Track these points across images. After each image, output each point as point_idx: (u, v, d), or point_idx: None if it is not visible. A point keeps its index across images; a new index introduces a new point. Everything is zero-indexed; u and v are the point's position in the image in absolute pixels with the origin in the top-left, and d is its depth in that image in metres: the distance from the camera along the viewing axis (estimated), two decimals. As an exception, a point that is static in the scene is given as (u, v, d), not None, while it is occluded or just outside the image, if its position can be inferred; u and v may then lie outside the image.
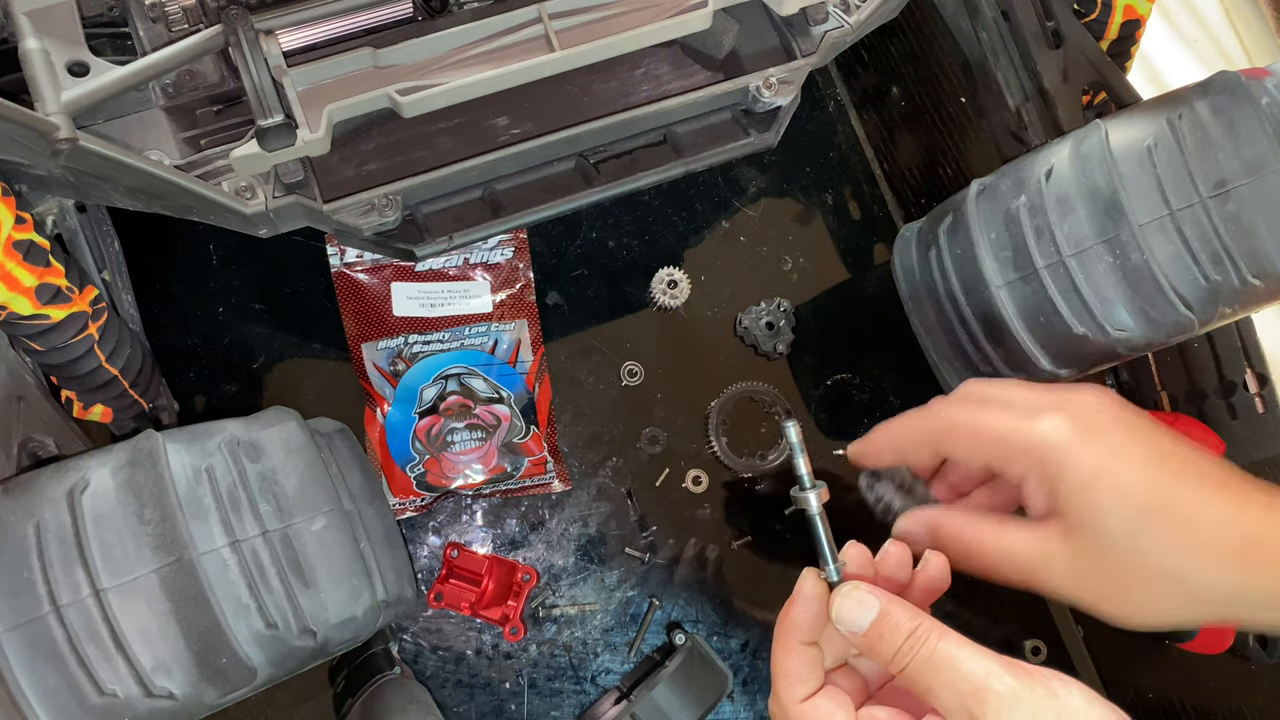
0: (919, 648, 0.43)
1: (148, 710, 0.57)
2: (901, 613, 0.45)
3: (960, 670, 0.42)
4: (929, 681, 0.43)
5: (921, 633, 0.44)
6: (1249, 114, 0.65)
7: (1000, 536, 0.52)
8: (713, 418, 0.89)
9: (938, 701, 0.43)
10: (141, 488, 0.58)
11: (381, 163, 0.65)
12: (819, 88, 1.03)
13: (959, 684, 0.42)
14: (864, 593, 0.46)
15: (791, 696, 0.46)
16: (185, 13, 0.61)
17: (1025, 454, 0.50)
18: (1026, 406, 0.52)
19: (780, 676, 0.47)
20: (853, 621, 0.45)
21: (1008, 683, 0.41)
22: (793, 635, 0.47)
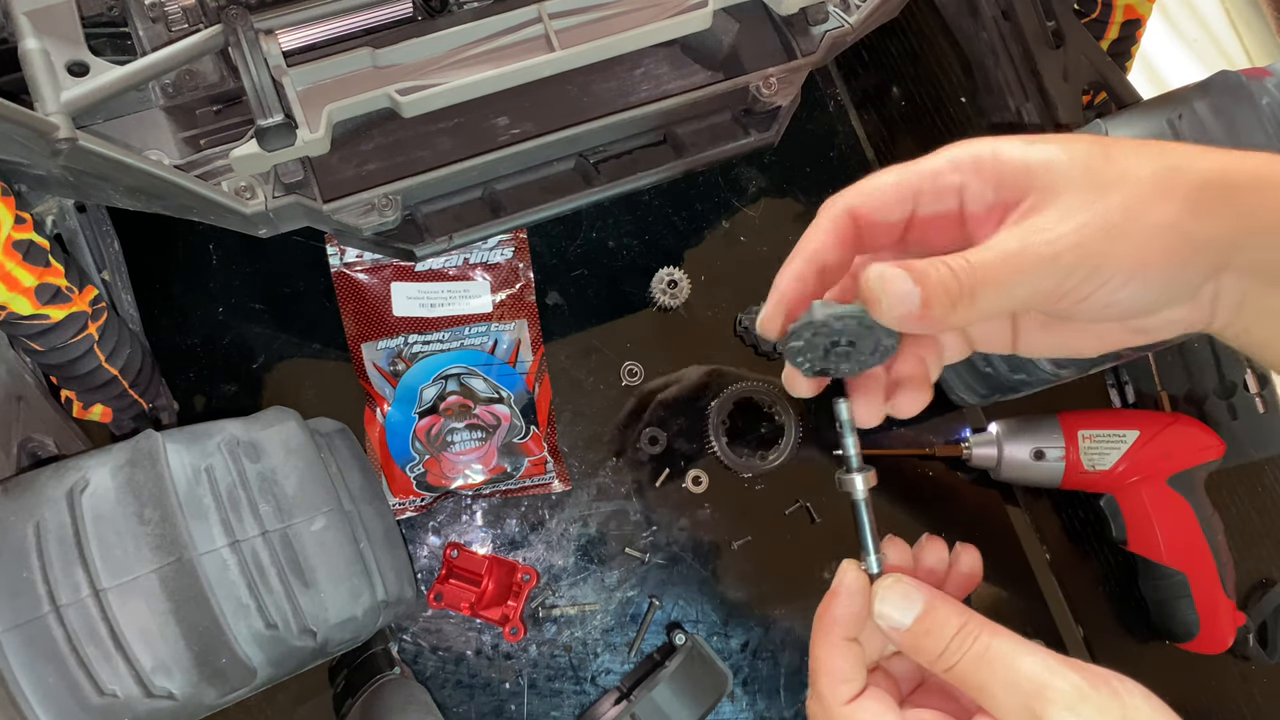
0: (970, 644, 0.41)
1: (147, 710, 0.57)
2: (948, 608, 0.42)
3: (1020, 667, 0.40)
4: (984, 680, 0.40)
5: (971, 629, 0.41)
6: (1249, 114, 0.65)
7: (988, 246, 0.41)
8: (712, 418, 0.89)
9: (994, 700, 0.40)
10: (141, 488, 0.58)
11: (381, 163, 0.65)
12: (819, 87, 1.03)
13: (1020, 682, 0.39)
14: (908, 586, 0.43)
15: (837, 697, 0.43)
16: (185, 12, 0.61)
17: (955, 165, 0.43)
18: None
19: (823, 675, 0.44)
20: (896, 617, 0.43)
21: (1072, 679, 0.39)
22: (835, 631, 0.44)
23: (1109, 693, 0.39)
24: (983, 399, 0.86)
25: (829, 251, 0.46)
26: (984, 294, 0.40)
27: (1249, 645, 0.90)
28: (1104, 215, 0.40)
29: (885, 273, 0.40)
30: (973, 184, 0.43)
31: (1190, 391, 0.89)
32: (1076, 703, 0.38)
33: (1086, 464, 0.85)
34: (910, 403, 0.47)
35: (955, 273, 0.40)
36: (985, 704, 0.41)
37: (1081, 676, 0.39)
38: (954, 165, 0.43)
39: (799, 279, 0.46)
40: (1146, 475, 0.85)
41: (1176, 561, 0.85)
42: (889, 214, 0.45)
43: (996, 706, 0.40)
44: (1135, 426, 0.85)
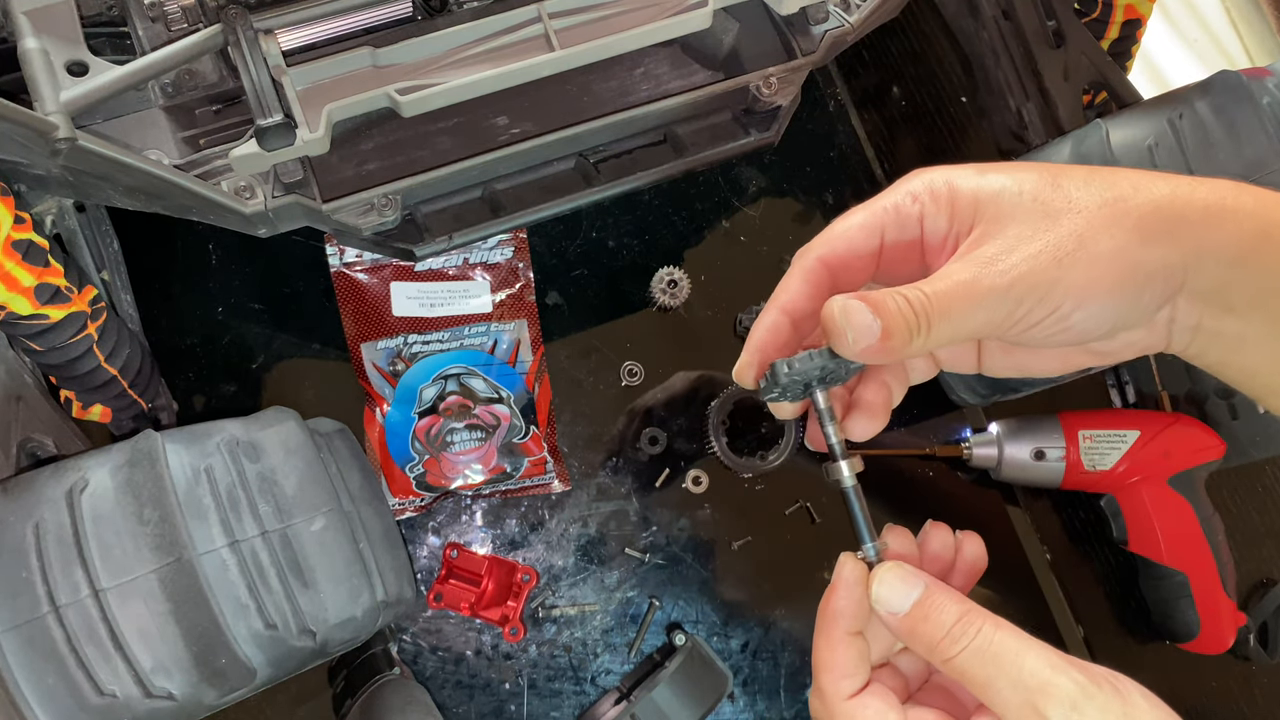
0: (972, 636, 0.41)
1: (147, 711, 0.57)
2: (947, 596, 0.42)
3: (1024, 664, 0.39)
4: (987, 674, 0.40)
5: (972, 619, 0.41)
6: (1250, 113, 0.65)
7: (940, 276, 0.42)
8: (713, 418, 0.89)
9: (996, 696, 0.40)
10: (141, 488, 0.58)
11: (381, 162, 0.65)
12: (819, 87, 1.02)
13: (1023, 679, 0.39)
14: (906, 571, 0.43)
15: (839, 692, 0.43)
16: (184, 12, 0.61)
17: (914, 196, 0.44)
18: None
19: (824, 670, 0.44)
20: (893, 602, 0.42)
21: (1076, 678, 0.39)
22: (837, 625, 0.44)
23: (1111, 691, 0.39)
24: (983, 399, 0.86)
25: (802, 301, 0.47)
26: (939, 324, 0.41)
27: (1249, 645, 0.90)
28: (1054, 244, 0.41)
29: (848, 305, 0.41)
30: (930, 213, 0.44)
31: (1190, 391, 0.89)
32: (1080, 701, 0.38)
33: (1087, 464, 0.85)
34: (863, 428, 0.48)
35: (911, 304, 0.41)
36: (986, 699, 0.40)
37: (1085, 675, 0.39)
38: (913, 196, 0.45)
39: (773, 330, 0.47)
40: (1147, 475, 0.85)
41: (1177, 561, 0.85)
42: (859, 254, 0.46)
43: (999, 703, 0.40)
44: (1136, 426, 0.85)
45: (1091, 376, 0.85)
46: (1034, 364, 0.48)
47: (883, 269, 0.47)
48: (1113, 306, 0.41)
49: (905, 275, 0.46)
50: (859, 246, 0.46)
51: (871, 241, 0.46)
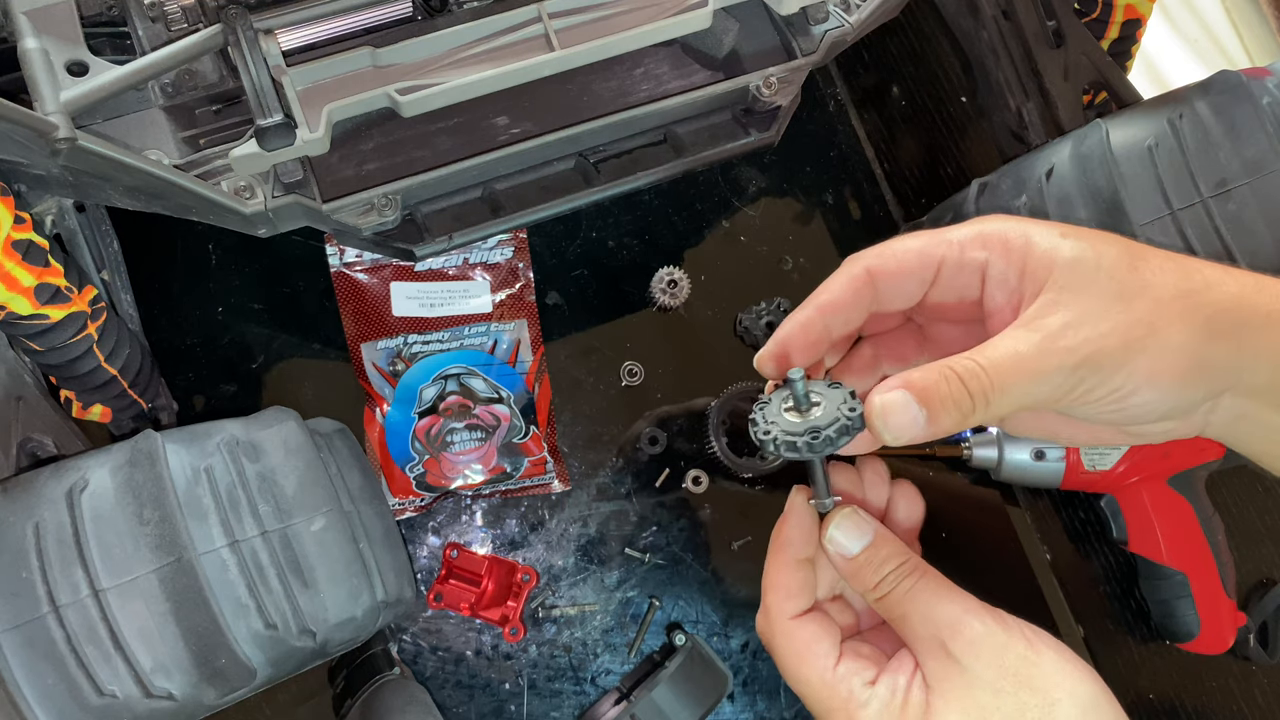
0: (900, 579, 0.44)
1: (147, 711, 0.57)
2: (892, 545, 0.45)
3: (938, 603, 0.43)
4: (905, 609, 0.43)
5: (908, 567, 0.44)
6: (1250, 113, 0.65)
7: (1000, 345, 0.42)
8: (713, 418, 0.89)
9: (910, 631, 0.43)
10: (141, 488, 0.58)
11: (381, 162, 0.65)
12: (819, 87, 1.02)
13: (935, 615, 0.42)
14: (861, 518, 0.46)
15: (781, 611, 0.46)
16: (184, 12, 0.61)
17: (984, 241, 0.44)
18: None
19: (771, 590, 0.47)
20: (846, 544, 0.45)
21: (984, 619, 0.42)
22: (786, 550, 0.47)
23: (1018, 635, 0.42)
24: (983, 399, 0.86)
25: (842, 308, 0.46)
26: (998, 400, 0.41)
27: (1249, 645, 0.90)
28: (1125, 327, 0.41)
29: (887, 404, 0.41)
30: (997, 264, 0.44)
31: (1190, 391, 0.88)
32: (981, 638, 0.41)
33: (1087, 464, 0.85)
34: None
35: (966, 382, 0.41)
36: (903, 633, 0.44)
37: (993, 620, 0.42)
38: (982, 240, 0.44)
39: (804, 326, 0.47)
40: (1147, 475, 0.85)
41: (1177, 562, 0.85)
42: (909, 280, 0.46)
43: (912, 636, 0.43)
44: (1135, 426, 0.85)
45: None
46: (1064, 432, 0.48)
47: (930, 304, 0.47)
48: (1171, 397, 0.42)
49: (954, 317, 0.47)
50: (912, 270, 0.45)
51: (926, 271, 0.45)
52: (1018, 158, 0.77)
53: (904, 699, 0.42)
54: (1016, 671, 0.41)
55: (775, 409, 0.45)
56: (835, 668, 0.44)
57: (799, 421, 0.44)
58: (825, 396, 0.44)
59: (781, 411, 0.44)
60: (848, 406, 0.43)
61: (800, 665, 0.45)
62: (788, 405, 0.44)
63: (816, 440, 0.43)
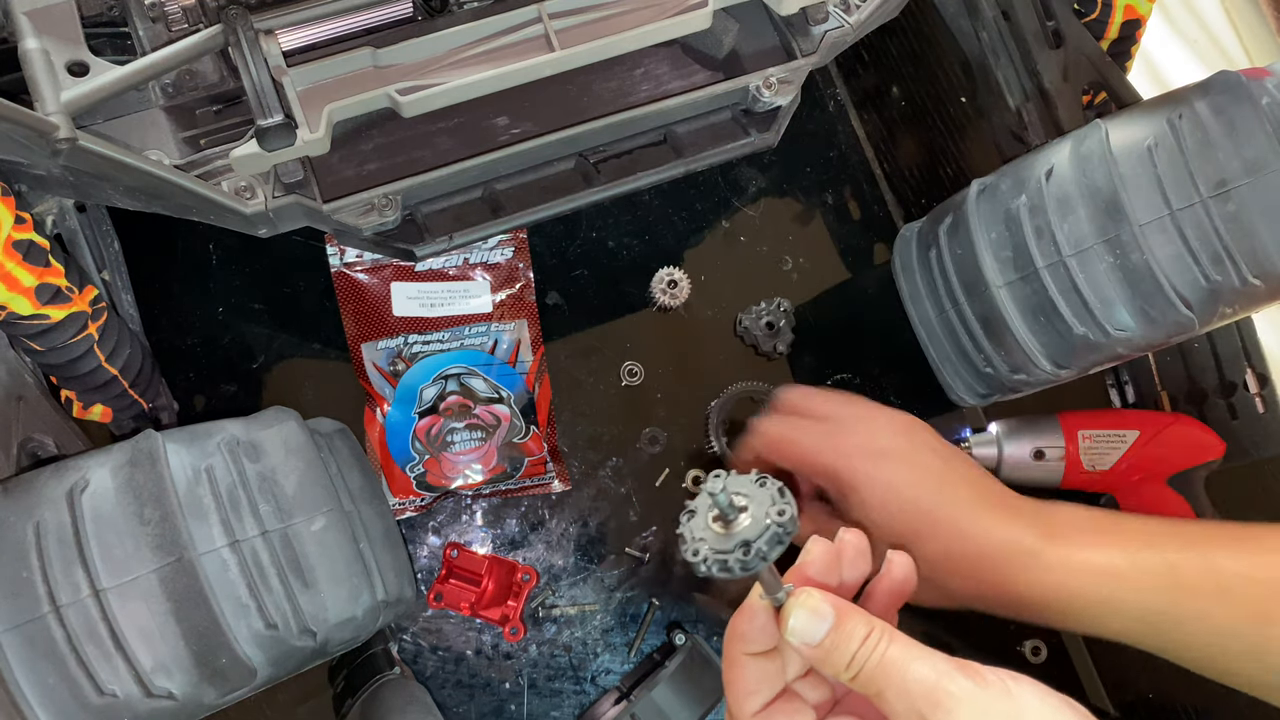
0: (868, 654, 0.42)
1: (147, 710, 0.57)
2: (855, 619, 0.43)
3: (911, 673, 0.41)
4: (879, 686, 0.42)
5: (874, 637, 0.42)
6: (1249, 114, 0.65)
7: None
8: (713, 418, 0.89)
9: (889, 706, 0.41)
10: (141, 488, 0.58)
11: (381, 162, 0.65)
12: (819, 88, 1.02)
13: (910, 686, 0.41)
14: (819, 602, 0.43)
15: (743, 710, 0.44)
16: (185, 12, 0.61)
17: (825, 475, 0.62)
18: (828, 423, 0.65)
19: (729, 689, 0.45)
20: (807, 634, 0.43)
21: (961, 684, 0.40)
22: (738, 645, 0.45)
23: (999, 692, 0.41)
24: (983, 399, 0.86)
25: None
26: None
27: (1249, 645, 0.90)
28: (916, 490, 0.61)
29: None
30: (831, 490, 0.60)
31: (1190, 391, 0.89)
32: (962, 705, 0.40)
33: (1087, 464, 0.85)
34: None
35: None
36: (884, 709, 0.42)
37: (971, 680, 0.41)
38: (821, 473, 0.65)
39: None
40: (1147, 475, 0.85)
41: (1176, 561, 0.85)
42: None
43: (891, 711, 0.41)
44: (1135, 426, 0.85)
45: (1091, 376, 0.85)
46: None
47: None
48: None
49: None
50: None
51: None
52: (1018, 158, 0.77)
53: None
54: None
55: (701, 521, 0.42)
56: None
57: (726, 535, 0.41)
58: (752, 498, 0.41)
59: (709, 523, 0.41)
60: (776, 510, 0.40)
61: None
62: (714, 515, 0.41)
63: (748, 556, 0.40)
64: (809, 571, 0.47)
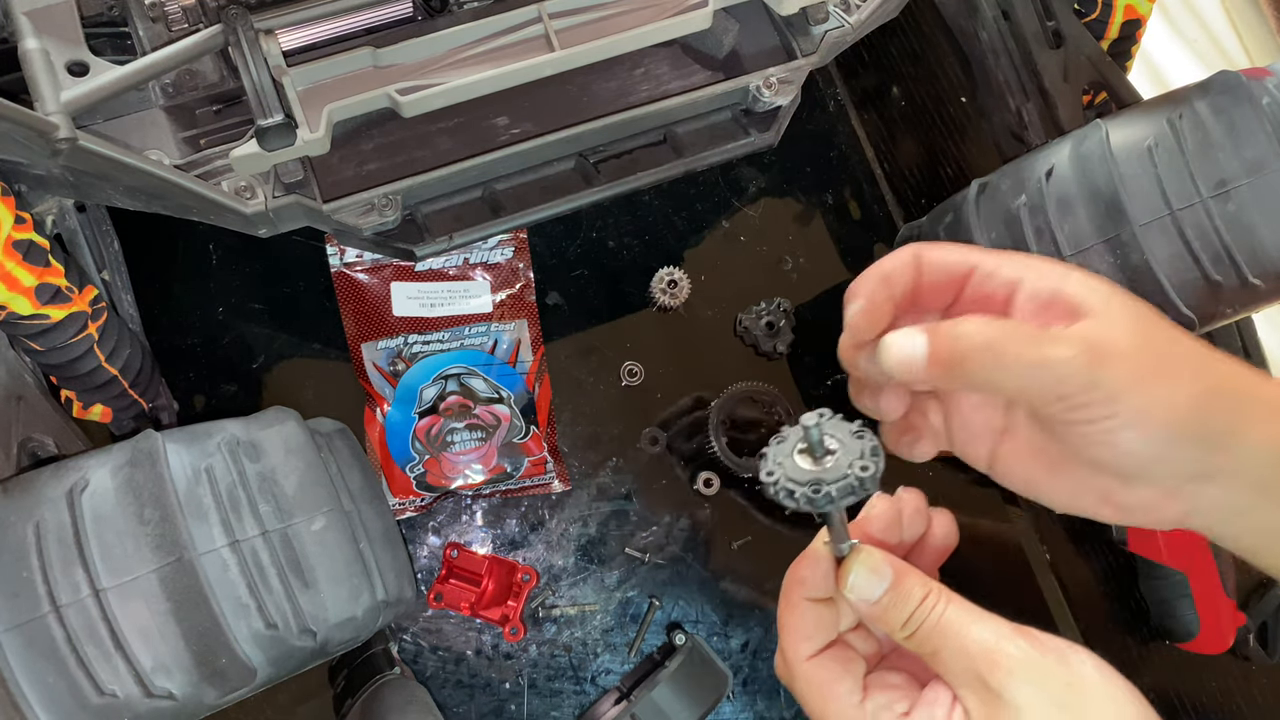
0: (926, 614, 0.42)
1: (147, 710, 0.57)
2: (913, 580, 0.43)
3: (970, 635, 0.41)
4: (936, 645, 0.41)
5: (932, 599, 0.42)
6: (1249, 114, 0.65)
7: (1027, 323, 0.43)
8: (713, 418, 0.89)
9: (945, 666, 0.41)
10: (141, 488, 0.58)
11: (381, 162, 0.65)
12: (819, 87, 1.02)
13: (968, 647, 0.41)
14: (879, 561, 0.43)
15: (797, 653, 0.44)
16: (185, 12, 0.61)
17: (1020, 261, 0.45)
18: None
19: (786, 632, 0.45)
20: (865, 591, 0.43)
21: (1020, 645, 0.40)
22: (798, 590, 0.45)
23: (1057, 659, 0.40)
24: (983, 399, 0.86)
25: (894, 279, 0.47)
26: (1006, 366, 0.41)
27: (1249, 645, 0.90)
28: (1136, 359, 0.41)
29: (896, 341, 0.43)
30: (1031, 281, 0.44)
31: (1190, 391, 0.88)
32: (1021, 667, 0.40)
33: (1087, 464, 0.85)
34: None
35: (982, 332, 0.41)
36: (938, 669, 0.42)
37: (1030, 643, 0.40)
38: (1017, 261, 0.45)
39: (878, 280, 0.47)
40: (1147, 475, 0.85)
41: (1177, 561, 0.85)
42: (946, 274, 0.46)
43: (947, 672, 0.41)
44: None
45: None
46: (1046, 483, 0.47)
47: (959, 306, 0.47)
48: (1155, 448, 0.41)
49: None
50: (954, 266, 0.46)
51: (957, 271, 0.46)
52: (1018, 158, 0.77)
53: None
54: (1060, 700, 0.39)
55: (789, 447, 0.42)
56: (862, 704, 0.43)
57: (807, 469, 0.41)
58: (844, 447, 0.41)
59: (794, 452, 0.42)
60: (862, 464, 0.40)
61: (825, 707, 0.43)
62: (801, 448, 0.42)
63: (817, 495, 0.40)
64: (870, 529, 0.47)
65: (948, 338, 0.42)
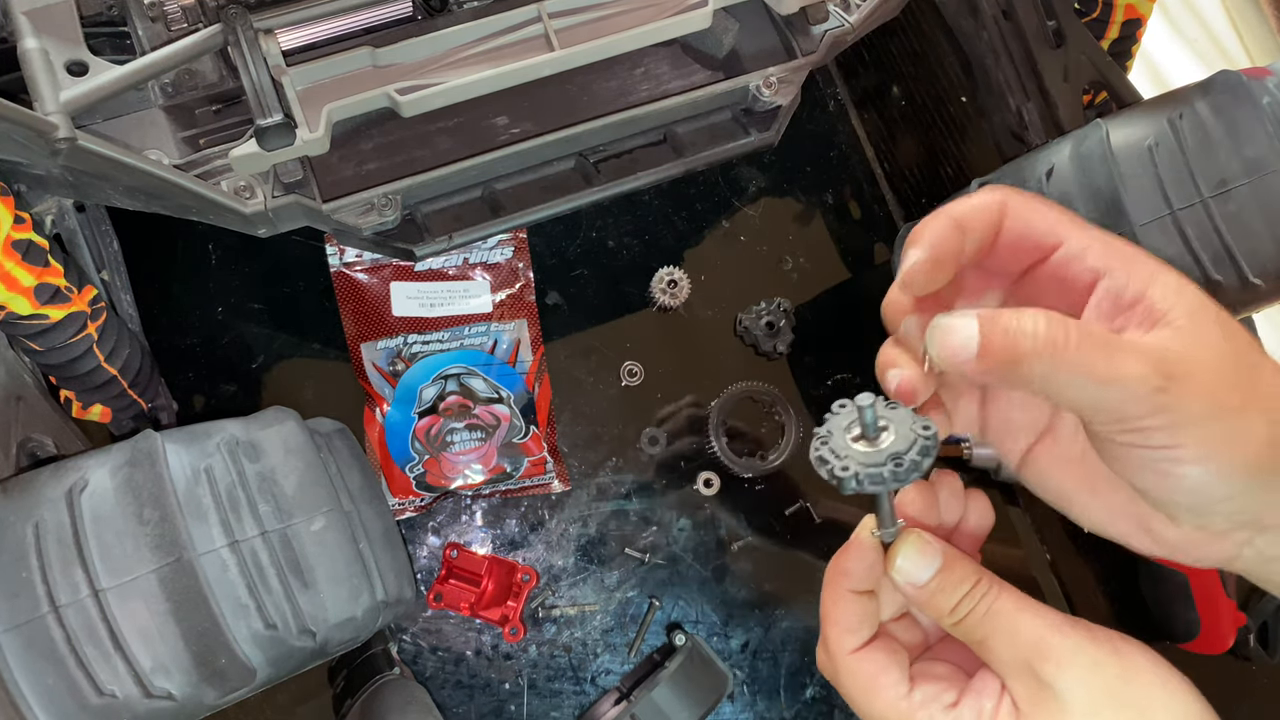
0: (975, 601, 0.41)
1: (147, 710, 0.57)
2: (963, 566, 0.42)
3: (1021, 623, 0.40)
4: (985, 634, 0.40)
5: (982, 587, 0.41)
6: (1250, 113, 0.65)
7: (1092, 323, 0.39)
8: (713, 418, 0.89)
9: (994, 655, 0.40)
10: (140, 488, 0.58)
11: (381, 162, 0.65)
12: (819, 87, 1.02)
13: (1019, 636, 0.40)
14: (928, 544, 0.42)
15: (841, 647, 0.43)
16: (184, 12, 0.61)
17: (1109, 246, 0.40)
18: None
19: (830, 624, 0.44)
20: (913, 574, 0.42)
21: (1071, 636, 0.39)
22: (842, 582, 0.44)
23: (1109, 649, 0.39)
24: (983, 399, 0.86)
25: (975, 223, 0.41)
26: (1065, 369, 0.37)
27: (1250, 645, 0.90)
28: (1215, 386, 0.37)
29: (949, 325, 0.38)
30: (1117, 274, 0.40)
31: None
32: (1072, 658, 0.39)
33: (1087, 464, 0.85)
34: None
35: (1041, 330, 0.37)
36: (986, 658, 0.41)
37: (1082, 634, 0.39)
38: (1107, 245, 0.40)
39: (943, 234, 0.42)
40: (1147, 475, 0.85)
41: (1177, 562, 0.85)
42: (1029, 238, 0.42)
43: (996, 660, 0.40)
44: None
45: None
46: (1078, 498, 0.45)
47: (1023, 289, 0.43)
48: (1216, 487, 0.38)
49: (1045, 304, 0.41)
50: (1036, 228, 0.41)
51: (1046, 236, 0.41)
52: (1018, 158, 0.77)
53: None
54: (1111, 691, 0.38)
55: (841, 441, 0.41)
56: (910, 695, 0.42)
57: (874, 451, 0.40)
58: (891, 419, 0.41)
59: (849, 442, 0.41)
60: (920, 425, 0.40)
61: (872, 700, 0.42)
62: (854, 435, 0.41)
63: (901, 468, 0.39)
64: (908, 513, 0.45)
65: (1004, 332, 0.37)
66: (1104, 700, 0.38)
